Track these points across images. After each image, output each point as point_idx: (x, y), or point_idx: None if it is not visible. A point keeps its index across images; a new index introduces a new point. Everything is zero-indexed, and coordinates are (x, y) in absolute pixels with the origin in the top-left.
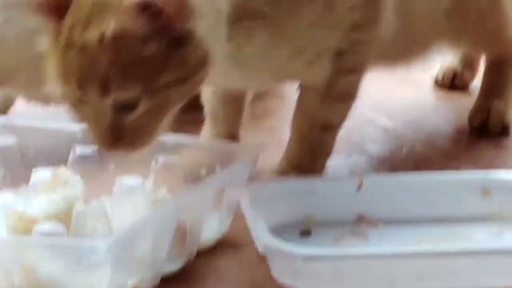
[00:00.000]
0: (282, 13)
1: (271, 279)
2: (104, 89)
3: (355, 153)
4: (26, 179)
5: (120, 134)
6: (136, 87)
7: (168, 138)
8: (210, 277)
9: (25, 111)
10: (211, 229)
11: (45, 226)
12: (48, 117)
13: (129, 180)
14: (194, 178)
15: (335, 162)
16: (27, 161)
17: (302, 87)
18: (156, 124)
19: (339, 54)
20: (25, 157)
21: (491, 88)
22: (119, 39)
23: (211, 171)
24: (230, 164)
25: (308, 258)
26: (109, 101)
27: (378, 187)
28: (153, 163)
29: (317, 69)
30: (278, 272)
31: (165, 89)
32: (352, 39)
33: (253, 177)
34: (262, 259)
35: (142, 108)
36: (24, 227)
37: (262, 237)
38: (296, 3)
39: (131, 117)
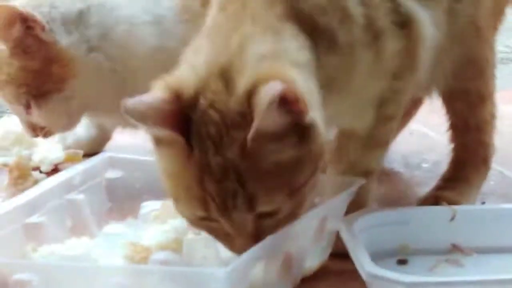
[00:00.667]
0: (343, 71)
1: None
2: (251, 206)
3: None
4: (131, 211)
5: (259, 236)
6: (280, 196)
7: None
8: None
9: (127, 146)
10: (313, 257)
11: (161, 255)
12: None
13: None
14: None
15: None
16: (132, 194)
17: (341, 136)
18: (298, 216)
19: (382, 102)
20: (130, 190)
21: None
22: (260, 146)
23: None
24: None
25: (412, 285)
26: (254, 215)
27: (470, 217)
28: None
29: (364, 117)
30: None
31: (303, 187)
32: (394, 88)
33: None
34: (363, 286)
35: (283, 212)
36: (140, 256)
37: (366, 265)
38: (354, 59)
39: (271, 222)
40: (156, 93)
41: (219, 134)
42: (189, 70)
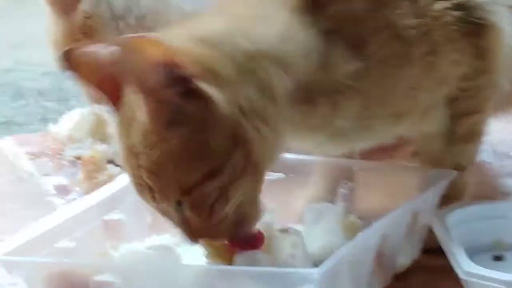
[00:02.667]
0: (370, 82)
1: None
2: (153, 197)
3: None
4: None
5: (197, 228)
6: (173, 194)
7: (354, 163)
8: None
9: None
10: (405, 253)
11: (246, 255)
12: None
13: (320, 206)
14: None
15: None
16: None
17: (421, 136)
18: (221, 209)
19: (452, 100)
20: None
21: None
22: (156, 124)
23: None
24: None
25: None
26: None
27: None
28: (341, 189)
29: (429, 121)
30: None
31: (199, 188)
32: (463, 87)
33: None
34: (457, 283)
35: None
36: (225, 256)
37: (464, 263)
38: (389, 69)
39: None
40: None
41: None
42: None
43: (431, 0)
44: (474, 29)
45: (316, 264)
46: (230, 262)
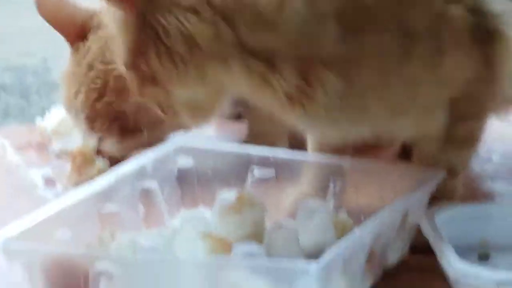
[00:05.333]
0: (366, 75)
1: None
2: None
3: None
4: (202, 200)
5: None
6: None
7: (345, 162)
8: None
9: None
10: (394, 251)
11: (244, 248)
12: (222, 138)
13: (313, 203)
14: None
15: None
16: (203, 183)
17: (417, 137)
18: None
19: (453, 103)
20: (201, 179)
21: None
22: None
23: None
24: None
25: (503, 284)
26: None
27: None
28: (331, 186)
29: (428, 121)
30: None
31: None
32: (465, 92)
33: None
34: (445, 281)
35: None
36: (222, 249)
37: (455, 262)
38: (388, 64)
39: None
40: None
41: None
42: None
43: (446, 3)
44: (485, 37)
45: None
46: (227, 255)
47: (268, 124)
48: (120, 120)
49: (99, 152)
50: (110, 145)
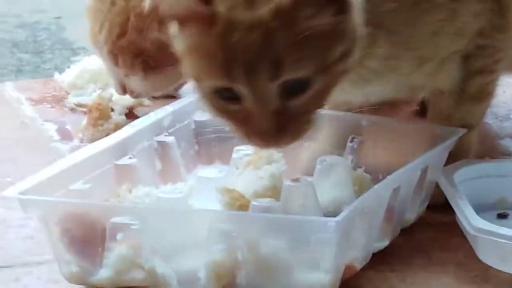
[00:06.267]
0: (402, 23)
1: (474, 260)
2: (277, 70)
3: None
4: (219, 156)
5: (284, 123)
6: (310, 65)
7: (363, 118)
8: (414, 256)
9: None
10: (412, 209)
11: (261, 203)
12: None
13: (331, 158)
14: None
15: None
16: (220, 138)
17: (432, 93)
18: (320, 107)
19: (467, 57)
20: (218, 134)
21: None
22: (297, 8)
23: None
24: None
25: None
26: (277, 85)
27: None
28: (349, 143)
29: (444, 75)
30: (485, 254)
31: (334, 65)
32: (479, 44)
33: None
34: (463, 239)
35: (313, 89)
36: (239, 203)
37: (473, 219)
38: (417, 12)
39: (298, 102)
40: None
41: None
42: None
43: None
44: None
45: (326, 216)
46: (245, 210)
47: None
48: (142, 57)
49: (126, 90)
50: (136, 83)
